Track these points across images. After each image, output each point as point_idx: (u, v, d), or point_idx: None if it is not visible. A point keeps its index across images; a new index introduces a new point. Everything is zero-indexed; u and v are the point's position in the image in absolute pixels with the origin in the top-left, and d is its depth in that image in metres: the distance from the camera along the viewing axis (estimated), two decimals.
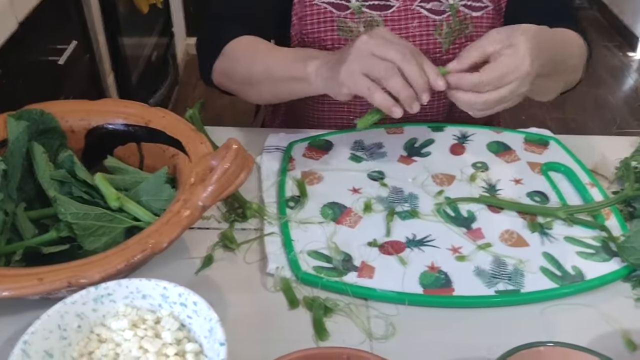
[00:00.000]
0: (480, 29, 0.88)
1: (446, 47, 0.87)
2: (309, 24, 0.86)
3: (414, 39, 0.86)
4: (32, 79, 1.34)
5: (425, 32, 0.86)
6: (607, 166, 0.81)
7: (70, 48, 1.52)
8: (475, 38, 0.87)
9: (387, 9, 0.85)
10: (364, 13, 0.84)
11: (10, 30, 1.19)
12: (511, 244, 0.68)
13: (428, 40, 0.86)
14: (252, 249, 0.68)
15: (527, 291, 0.63)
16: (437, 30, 0.86)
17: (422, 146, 0.83)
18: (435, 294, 0.63)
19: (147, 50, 2.22)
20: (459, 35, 0.87)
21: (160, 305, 0.53)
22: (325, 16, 0.85)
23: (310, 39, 0.86)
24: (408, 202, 0.74)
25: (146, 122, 0.72)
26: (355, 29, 0.85)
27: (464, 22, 0.86)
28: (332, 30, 0.85)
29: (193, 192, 0.60)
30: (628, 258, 0.65)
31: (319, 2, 0.84)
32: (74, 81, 1.58)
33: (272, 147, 0.83)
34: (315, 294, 0.63)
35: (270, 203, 0.73)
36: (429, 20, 0.85)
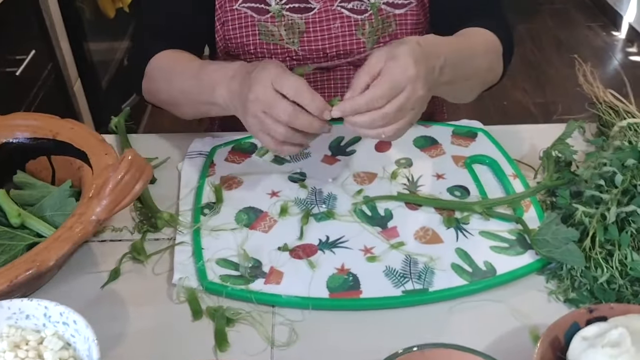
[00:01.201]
0: (405, 27, 0.86)
1: (370, 46, 0.85)
2: (231, 29, 0.84)
3: (337, 39, 0.84)
4: None
5: (347, 32, 0.84)
6: (535, 156, 0.80)
7: (28, 58, 1.51)
8: (400, 36, 0.86)
9: (307, 11, 0.83)
10: (284, 16, 0.83)
11: None
12: (425, 242, 0.67)
13: (351, 40, 0.85)
14: (162, 259, 0.68)
15: (435, 289, 0.62)
16: (360, 30, 0.84)
17: (347, 144, 0.82)
18: (341, 297, 0.62)
19: (118, 54, 2.20)
20: (382, 34, 0.85)
21: (44, 324, 0.53)
22: (246, 21, 0.84)
23: (233, 44, 0.85)
24: (326, 203, 0.73)
25: (54, 134, 0.71)
26: (276, 32, 0.83)
27: (387, 21, 0.85)
28: (253, 34, 0.84)
29: (88, 206, 0.59)
30: (540, 250, 0.64)
31: (239, 7, 0.83)
32: (37, 91, 1.57)
33: (194, 153, 0.82)
34: (222, 303, 0.62)
35: (186, 211, 0.73)
36: (351, 20, 0.84)
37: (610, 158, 0.69)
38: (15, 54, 1.48)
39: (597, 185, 0.67)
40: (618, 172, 0.66)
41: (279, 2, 0.82)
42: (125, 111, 0.88)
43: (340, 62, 0.85)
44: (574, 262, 0.61)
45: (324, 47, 0.84)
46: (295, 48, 0.84)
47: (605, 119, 0.81)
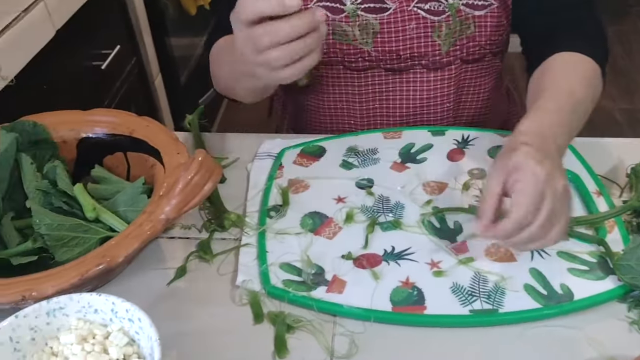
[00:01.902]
0: (484, 29, 0.82)
1: (446, 49, 0.82)
2: None
3: (411, 41, 0.82)
4: (74, 86, 1.41)
5: (423, 34, 0.82)
6: (621, 172, 0.74)
7: (114, 52, 1.58)
8: (479, 38, 0.82)
9: (383, 12, 0.81)
10: (359, 16, 0.81)
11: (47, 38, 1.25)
12: (496, 259, 0.64)
13: (426, 42, 0.82)
14: (227, 260, 0.68)
15: (505, 311, 0.59)
16: (436, 32, 0.81)
17: (418, 152, 0.80)
18: (405, 311, 0.60)
19: (197, 50, 2.26)
20: (459, 37, 0.82)
21: (111, 319, 0.54)
22: None
23: None
24: (393, 212, 0.71)
25: (130, 131, 0.73)
26: (350, 32, 0.82)
27: (465, 22, 0.81)
28: (327, 34, 0.83)
29: (158, 205, 0.61)
30: (623, 276, 0.59)
31: (312, 6, 0.82)
32: (120, 85, 1.64)
33: (264, 154, 0.82)
34: (283, 308, 0.62)
35: (253, 212, 0.73)
36: (427, 21, 0.81)
37: None
38: (101, 48, 1.55)
39: None
40: None
41: (355, 2, 0.81)
42: (199, 109, 0.89)
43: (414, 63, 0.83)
44: None
45: (398, 48, 0.82)
46: (369, 49, 0.82)
47: None
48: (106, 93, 1.57)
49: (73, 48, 1.39)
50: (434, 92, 0.85)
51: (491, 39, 0.83)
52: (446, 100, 0.86)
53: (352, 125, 0.90)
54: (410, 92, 0.85)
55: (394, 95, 0.87)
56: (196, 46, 2.25)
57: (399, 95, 0.86)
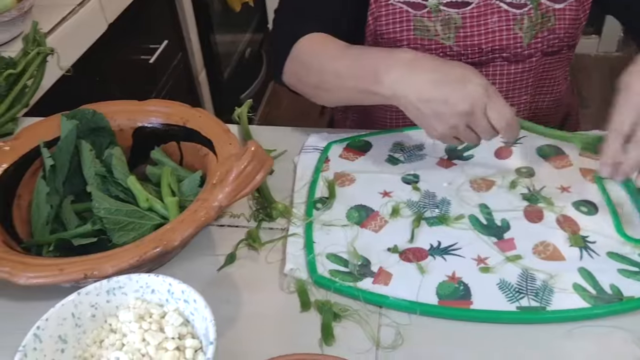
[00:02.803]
0: (563, 22, 0.83)
1: (527, 42, 0.82)
2: (384, 24, 0.84)
3: (493, 34, 0.82)
4: (124, 79, 1.46)
5: (505, 27, 0.82)
6: None
7: (161, 47, 1.62)
8: (558, 31, 0.83)
9: (465, 6, 0.81)
10: (441, 11, 0.81)
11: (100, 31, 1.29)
12: (545, 257, 0.64)
13: (508, 35, 0.82)
14: (275, 249, 0.70)
15: (554, 309, 0.59)
16: (518, 25, 0.82)
17: (465, 149, 0.80)
18: (451, 305, 0.60)
19: (240, 46, 2.30)
20: (541, 29, 0.82)
21: (167, 300, 0.56)
22: (401, 16, 0.83)
23: (385, 39, 0.85)
24: (439, 207, 0.71)
25: (184, 122, 0.75)
26: (432, 28, 0.82)
27: (546, 15, 0.82)
28: (408, 30, 0.83)
29: (211, 192, 0.63)
30: None
31: (394, 2, 0.82)
32: (166, 79, 1.69)
33: (310, 147, 0.83)
34: (330, 297, 0.63)
35: (300, 204, 0.74)
36: (509, 14, 0.81)
37: None
38: (150, 43, 1.59)
39: None
40: None
41: None
42: (248, 102, 0.91)
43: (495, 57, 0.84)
44: None
45: (480, 42, 0.82)
46: (450, 44, 0.82)
47: None
48: (153, 86, 1.61)
49: (124, 42, 1.44)
50: (513, 84, 0.86)
51: (569, 32, 0.83)
52: (524, 93, 0.86)
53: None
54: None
55: None
56: (239, 43, 2.28)
57: None
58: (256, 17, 2.49)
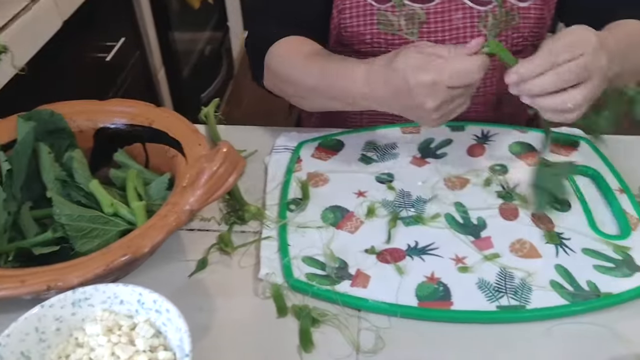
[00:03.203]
0: (528, 20, 0.82)
1: (491, 40, 0.82)
2: (348, 18, 0.83)
3: (457, 31, 0.82)
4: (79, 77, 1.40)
5: (469, 24, 0.81)
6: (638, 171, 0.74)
7: (118, 45, 1.57)
8: (523, 30, 0.82)
9: (429, 1, 0.80)
10: (405, 6, 0.80)
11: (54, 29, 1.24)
12: (522, 255, 0.64)
13: (472, 33, 0.82)
14: (248, 253, 0.67)
15: (533, 307, 0.58)
16: (482, 22, 0.81)
17: (438, 147, 0.79)
18: (431, 307, 0.59)
19: (200, 44, 2.25)
20: (505, 27, 0.82)
21: (137, 311, 0.53)
22: (365, 9, 0.82)
23: (348, 33, 0.84)
24: (415, 207, 0.70)
25: (150, 122, 0.72)
26: (396, 22, 0.81)
27: (511, 13, 0.81)
28: (371, 24, 0.82)
29: (182, 196, 0.60)
30: None
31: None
32: (124, 78, 1.63)
33: (281, 147, 0.81)
34: (307, 302, 0.61)
35: (272, 205, 0.72)
36: (474, 11, 0.81)
37: None
38: (106, 40, 1.54)
39: None
40: None
41: None
42: (215, 101, 0.88)
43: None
44: None
45: (444, 38, 0.81)
46: (414, 39, 0.81)
47: None
48: (110, 85, 1.56)
49: (79, 40, 1.38)
50: (478, 82, 0.85)
51: (533, 31, 0.83)
52: (489, 92, 0.86)
53: (395, 118, 0.88)
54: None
55: None
56: (198, 41, 2.24)
57: None
58: (215, 15, 2.44)
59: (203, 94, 2.26)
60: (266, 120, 1.01)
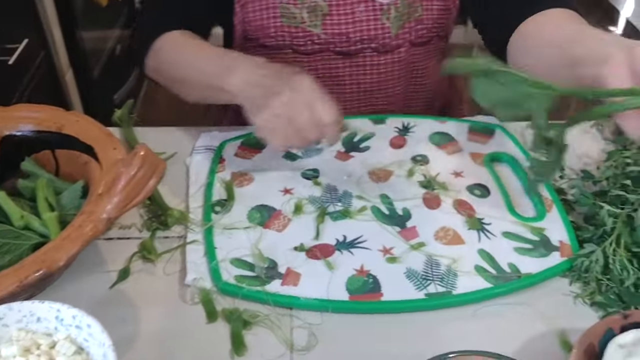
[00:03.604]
0: (431, 12, 0.84)
1: (395, 32, 0.83)
2: (250, 12, 0.82)
3: (361, 24, 0.82)
4: None
5: (372, 17, 0.82)
6: None
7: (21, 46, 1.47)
8: (426, 21, 0.84)
9: None
10: None
11: None
12: (446, 242, 0.65)
13: (376, 25, 0.82)
14: (173, 259, 0.65)
15: (459, 292, 0.60)
16: (385, 15, 0.82)
17: (361, 140, 0.80)
18: (361, 299, 0.59)
19: (110, 43, 2.16)
20: (408, 19, 0.83)
21: (56, 328, 0.50)
22: (267, 2, 0.81)
23: (252, 27, 0.82)
24: (341, 201, 0.70)
25: (59, 127, 0.68)
26: (298, 15, 0.81)
27: (413, 5, 0.83)
28: (275, 17, 0.81)
29: (98, 204, 0.57)
30: None
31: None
32: (29, 81, 1.53)
33: (202, 148, 0.79)
34: (237, 304, 0.60)
35: (196, 208, 0.70)
36: (376, 4, 0.81)
37: (635, 157, 0.67)
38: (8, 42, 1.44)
39: (623, 184, 0.65)
40: None
41: None
42: (128, 103, 0.85)
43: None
44: None
45: (347, 31, 0.81)
46: (318, 32, 0.81)
47: None
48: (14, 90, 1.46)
49: None
50: (384, 75, 0.86)
51: (438, 22, 0.84)
52: (397, 84, 0.87)
53: None
54: (361, 75, 0.85)
55: (344, 80, 0.86)
56: (108, 39, 2.14)
57: (350, 80, 0.86)
58: (124, 12, 2.35)
59: (115, 95, 2.17)
60: (184, 121, 0.98)
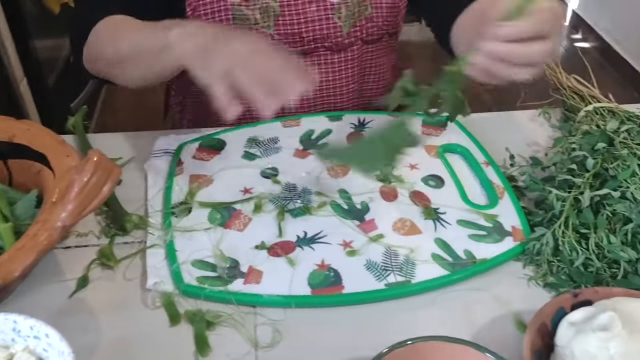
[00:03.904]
0: (380, 10, 0.85)
1: (347, 30, 0.84)
2: (202, 15, 0.81)
3: (313, 23, 0.83)
4: None
5: (324, 16, 0.83)
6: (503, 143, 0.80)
7: None
8: (376, 19, 0.85)
9: None
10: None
11: None
12: (404, 233, 0.67)
13: (328, 24, 0.83)
14: (133, 264, 0.65)
15: (418, 281, 0.61)
16: (337, 14, 0.83)
17: (318, 138, 0.81)
18: (323, 293, 0.60)
19: (65, 51, 2.12)
20: (359, 18, 0.84)
21: (13, 340, 0.49)
22: (218, 5, 0.81)
23: None
24: (301, 198, 0.71)
25: (10, 137, 0.66)
26: (251, 16, 0.81)
27: (363, 4, 0.84)
28: (227, 19, 0.81)
29: (52, 212, 0.56)
30: None
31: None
32: None
33: (160, 151, 0.78)
34: (200, 306, 0.60)
35: (156, 212, 0.69)
36: (327, 3, 0.82)
37: (580, 142, 0.70)
38: None
39: (569, 169, 0.68)
40: (589, 155, 0.68)
41: None
42: (82, 109, 0.84)
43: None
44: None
45: (300, 31, 0.82)
46: (271, 32, 0.82)
47: (570, 104, 0.83)
48: None
49: None
50: (338, 73, 0.87)
51: (387, 20, 0.86)
52: (351, 82, 0.88)
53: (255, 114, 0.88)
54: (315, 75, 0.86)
55: None
56: (63, 47, 2.10)
57: None
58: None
59: (72, 103, 2.12)
60: (143, 126, 0.97)
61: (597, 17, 2.83)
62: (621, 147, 0.67)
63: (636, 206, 0.60)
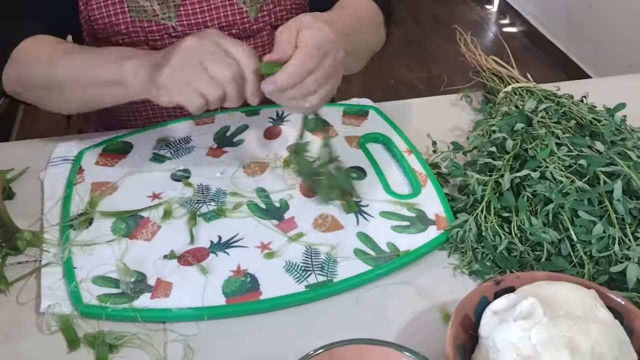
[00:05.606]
0: None
1: (254, 16, 0.79)
2: (95, 9, 0.75)
3: (217, 10, 0.78)
4: None
5: (228, 3, 0.78)
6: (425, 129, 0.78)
7: None
8: (284, 3, 0.81)
9: None
10: None
11: None
12: (325, 230, 0.63)
13: (233, 10, 0.78)
14: (28, 286, 0.58)
15: (340, 279, 0.58)
16: None
17: (234, 134, 0.76)
18: (239, 301, 0.56)
19: None
20: (265, 2, 0.80)
21: None
22: None
23: (100, 25, 0.76)
24: (215, 200, 0.66)
25: None
26: (149, 8, 0.75)
27: None
28: (122, 12, 0.75)
29: None
30: None
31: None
32: None
33: (58, 159, 0.72)
34: (102, 327, 0.54)
35: (53, 227, 0.63)
36: None
37: (499, 124, 0.68)
38: None
39: (489, 152, 0.66)
40: (508, 137, 0.66)
41: None
42: None
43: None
44: None
45: (204, 19, 0.77)
46: (173, 24, 0.76)
47: (490, 86, 0.81)
48: None
49: None
50: None
51: (296, 3, 0.82)
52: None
53: (172, 112, 0.82)
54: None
55: None
56: None
57: None
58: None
59: None
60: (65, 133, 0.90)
61: (523, 2, 2.89)
62: (539, 126, 0.66)
63: (556, 186, 0.59)
